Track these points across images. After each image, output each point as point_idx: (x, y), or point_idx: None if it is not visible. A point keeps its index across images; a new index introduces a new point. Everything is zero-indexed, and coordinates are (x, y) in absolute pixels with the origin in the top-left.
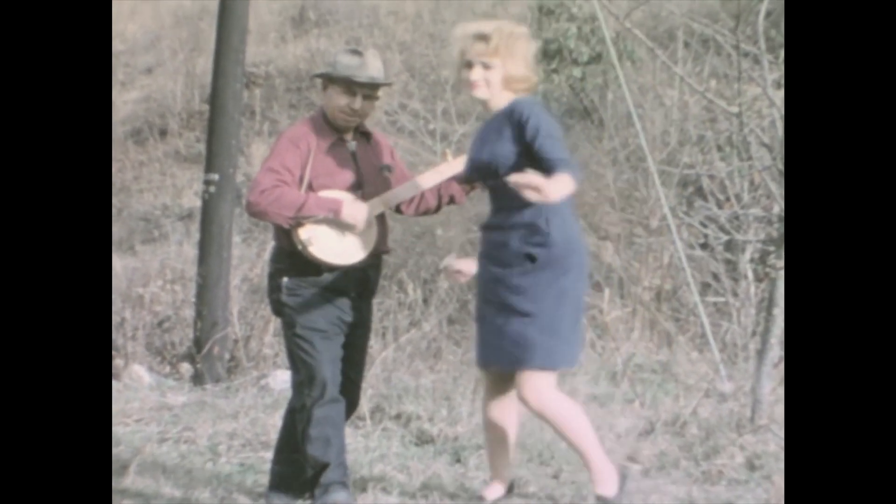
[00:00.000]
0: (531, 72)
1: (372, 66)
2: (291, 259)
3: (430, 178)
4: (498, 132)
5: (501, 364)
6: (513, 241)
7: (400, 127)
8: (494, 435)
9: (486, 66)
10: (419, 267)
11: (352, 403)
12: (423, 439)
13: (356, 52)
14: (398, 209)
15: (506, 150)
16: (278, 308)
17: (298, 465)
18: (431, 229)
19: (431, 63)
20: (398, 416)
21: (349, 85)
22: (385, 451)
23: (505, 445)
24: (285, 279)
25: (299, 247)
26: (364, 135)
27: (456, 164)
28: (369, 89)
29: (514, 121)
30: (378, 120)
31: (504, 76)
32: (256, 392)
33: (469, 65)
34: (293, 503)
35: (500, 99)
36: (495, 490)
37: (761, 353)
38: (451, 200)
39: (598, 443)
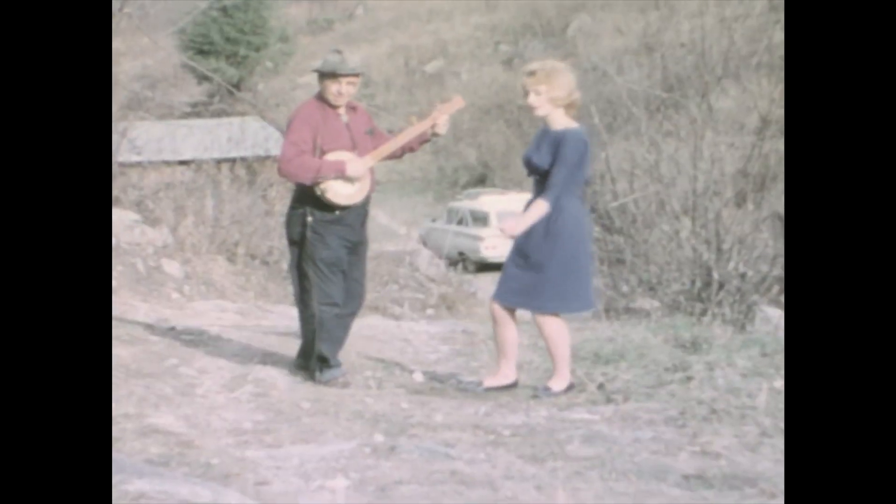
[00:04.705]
0: (569, 92)
1: (351, 61)
2: (313, 201)
3: (403, 137)
4: (549, 146)
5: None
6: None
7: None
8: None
9: (537, 93)
10: None
11: (360, 297)
12: None
13: (338, 52)
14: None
15: (547, 160)
16: (300, 239)
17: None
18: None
19: None
20: None
21: (335, 76)
22: None
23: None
24: (310, 218)
25: (318, 193)
26: (352, 108)
27: (420, 126)
28: (350, 77)
29: (557, 144)
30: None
31: (550, 97)
32: None
33: (526, 93)
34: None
35: (556, 115)
36: (510, 372)
37: None
38: (410, 149)
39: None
